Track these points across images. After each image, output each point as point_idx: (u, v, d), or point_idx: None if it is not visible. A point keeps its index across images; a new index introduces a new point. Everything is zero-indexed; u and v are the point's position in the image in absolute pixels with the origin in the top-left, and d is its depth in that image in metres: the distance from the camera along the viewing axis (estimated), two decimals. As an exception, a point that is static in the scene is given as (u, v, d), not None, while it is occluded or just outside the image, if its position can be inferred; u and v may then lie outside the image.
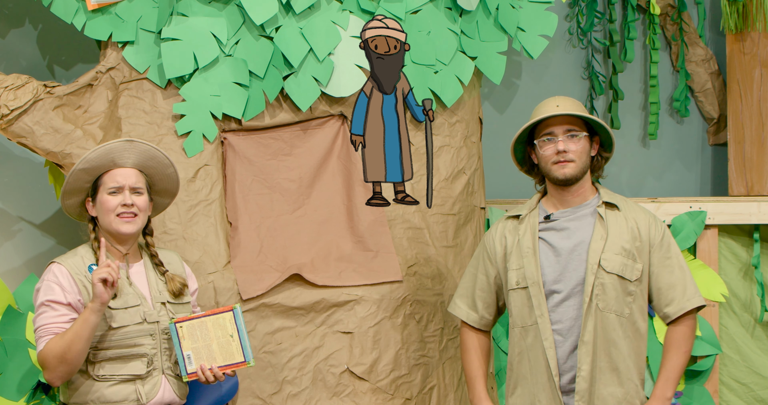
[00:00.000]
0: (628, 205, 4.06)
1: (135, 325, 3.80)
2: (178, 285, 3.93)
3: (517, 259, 4.02)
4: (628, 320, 3.96)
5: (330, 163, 4.76)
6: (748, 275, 5.46)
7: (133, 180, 3.86)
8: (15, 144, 4.99)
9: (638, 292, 3.97)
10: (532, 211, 4.08)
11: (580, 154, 3.98)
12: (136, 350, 3.81)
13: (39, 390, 4.71)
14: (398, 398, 4.62)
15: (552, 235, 4.01)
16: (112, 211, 3.83)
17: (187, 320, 3.85)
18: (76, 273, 3.80)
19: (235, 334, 3.85)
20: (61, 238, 5.22)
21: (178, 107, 4.58)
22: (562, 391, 3.95)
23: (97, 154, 3.82)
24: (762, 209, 5.39)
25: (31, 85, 4.60)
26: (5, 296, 4.74)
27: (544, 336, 3.94)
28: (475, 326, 4.19)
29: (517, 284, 4.01)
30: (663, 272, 3.99)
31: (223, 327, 3.85)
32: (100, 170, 3.86)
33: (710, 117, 6.03)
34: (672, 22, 5.96)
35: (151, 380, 3.82)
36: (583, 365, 3.91)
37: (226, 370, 3.85)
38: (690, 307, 3.97)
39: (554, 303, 3.96)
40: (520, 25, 4.93)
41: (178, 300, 3.93)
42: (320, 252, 4.66)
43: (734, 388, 5.46)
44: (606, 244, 3.95)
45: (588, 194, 4.05)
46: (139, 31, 4.59)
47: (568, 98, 4.08)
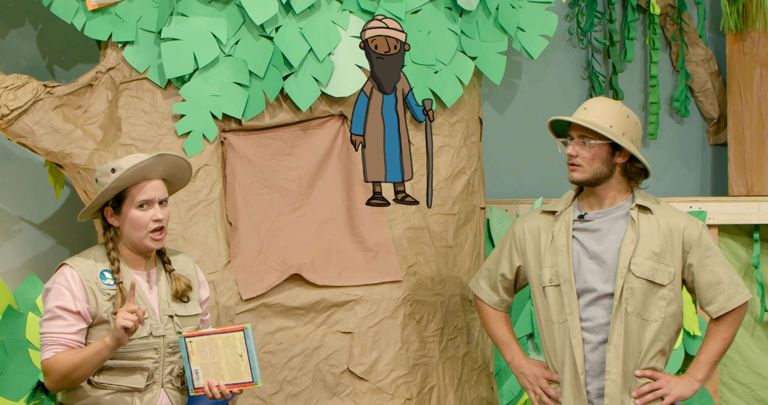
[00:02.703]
0: (662, 209, 4.04)
1: (140, 338, 3.76)
2: (183, 285, 3.87)
3: (552, 256, 4.02)
4: (661, 325, 3.96)
5: (330, 163, 4.76)
6: (748, 275, 5.46)
7: (161, 193, 3.82)
8: (15, 144, 4.98)
9: (672, 295, 3.97)
10: (568, 208, 4.07)
11: (590, 161, 3.95)
12: (138, 363, 3.76)
13: (39, 390, 4.70)
14: (398, 398, 4.61)
15: (585, 235, 4.01)
16: (145, 227, 3.78)
17: (197, 336, 3.78)
18: (87, 280, 3.76)
19: (245, 354, 3.78)
20: (61, 238, 5.22)
21: (178, 107, 4.57)
22: (587, 391, 3.97)
23: (131, 172, 3.75)
24: (762, 209, 5.39)
25: (31, 85, 4.60)
26: (5, 296, 4.74)
27: (572, 334, 3.95)
28: (495, 308, 4.23)
29: (550, 282, 4.01)
30: (703, 272, 3.98)
31: (233, 346, 3.78)
32: (129, 184, 3.80)
33: (710, 117, 6.03)
34: (672, 22, 5.96)
35: (150, 393, 3.79)
36: (612, 368, 3.92)
37: (233, 389, 3.79)
38: (731, 307, 3.97)
39: (585, 303, 3.97)
40: (520, 25, 4.93)
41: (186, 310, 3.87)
42: (320, 252, 4.66)
43: (734, 388, 5.47)
44: (636, 249, 3.95)
45: (619, 198, 4.03)
46: (139, 31, 4.59)
47: (603, 102, 4.01)
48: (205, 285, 4.02)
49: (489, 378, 4.95)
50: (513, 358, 4.17)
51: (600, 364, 3.95)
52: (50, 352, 3.73)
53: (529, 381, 4.12)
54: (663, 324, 3.96)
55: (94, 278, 3.77)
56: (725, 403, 5.44)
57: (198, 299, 3.94)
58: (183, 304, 3.88)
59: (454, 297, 4.77)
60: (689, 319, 5.29)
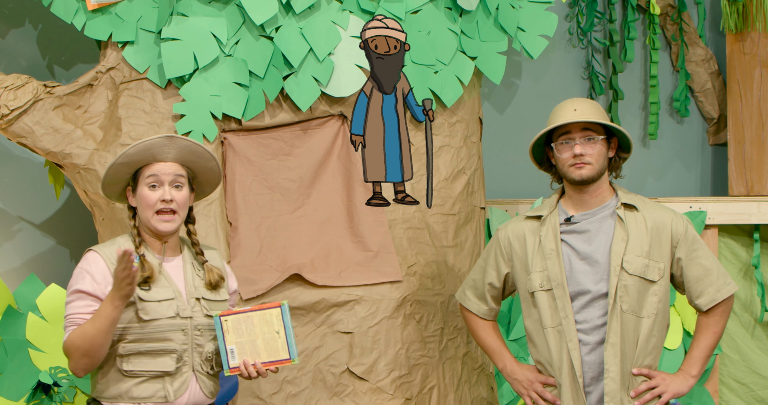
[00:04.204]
0: (647, 205, 4.08)
1: (167, 318, 3.74)
2: (216, 276, 3.85)
3: (541, 261, 4.03)
4: (654, 320, 3.98)
5: (330, 163, 4.76)
6: (748, 275, 5.46)
7: (174, 174, 3.80)
8: (15, 144, 4.99)
9: (662, 291, 4.00)
10: (552, 211, 4.09)
11: (597, 157, 4.00)
12: (166, 345, 3.74)
13: (39, 390, 4.71)
14: (398, 398, 4.62)
15: (574, 237, 4.03)
16: (152, 207, 3.77)
17: (233, 314, 3.76)
18: (111, 263, 3.76)
19: (282, 331, 3.76)
20: (61, 238, 5.22)
21: (178, 107, 4.58)
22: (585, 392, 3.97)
23: (136, 149, 3.76)
24: (762, 209, 5.39)
25: (31, 85, 4.60)
26: (5, 296, 4.74)
27: (569, 337, 3.96)
28: (483, 317, 4.24)
29: (540, 286, 4.02)
30: (692, 265, 4.03)
31: (270, 323, 3.77)
32: (140, 164, 3.80)
33: (710, 117, 6.03)
34: (672, 22, 5.96)
35: (180, 377, 3.75)
36: (611, 367, 3.93)
37: (269, 367, 3.77)
38: (720, 298, 4.02)
39: (580, 305, 3.98)
40: (520, 25, 4.94)
41: (214, 295, 3.86)
42: (320, 252, 4.66)
43: (734, 388, 5.47)
44: (627, 246, 3.98)
45: (606, 195, 4.07)
46: (139, 31, 4.60)
47: (586, 101, 4.08)
48: (232, 276, 4.01)
49: (489, 378, 4.95)
50: (505, 365, 4.17)
51: (599, 365, 3.96)
52: (68, 333, 3.72)
53: (523, 386, 4.11)
54: (656, 320, 3.99)
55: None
56: (725, 403, 5.44)
57: (227, 288, 3.93)
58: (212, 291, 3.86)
59: (454, 297, 4.77)
60: (689, 318, 5.29)
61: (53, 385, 4.68)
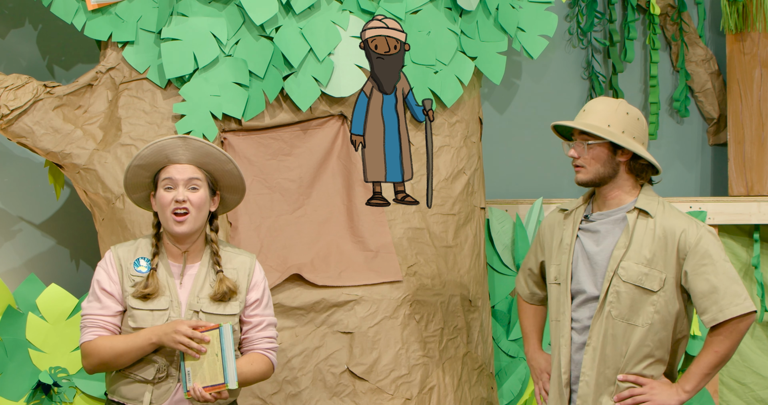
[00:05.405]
0: (665, 212, 3.94)
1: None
2: (225, 288, 3.78)
3: (558, 255, 4.04)
4: (649, 330, 3.88)
5: (330, 163, 4.76)
6: (748, 275, 5.46)
7: (188, 175, 3.78)
8: (15, 144, 4.99)
9: (662, 302, 3.88)
10: (579, 207, 4.07)
11: (590, 161, 3.91)
12: (149, 356, 3.74)
13: (39, 390, 4.71)
14: (398, 398, 4.62)
15: (587, 236, 4.00)
16: (167, 207, 3.76)
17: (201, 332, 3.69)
18: (120, 265, 3.79)
19: (220, 354, 3.65)
20: (61, 238, 5.22)
21: (178, 107, 4.58)
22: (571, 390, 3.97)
23: (149, 150, 3.77)
24: (762, 209, 5.39)
25: (31, 85, 4.60)
26: (5, 296, 4.74)
27: (562, 332, 3.97)
28: (526, 300, 4.31)
29: (555, 279, 4.05)
30: (697, 280, 3.86)
31: (212, 345, 3.67)
32: (156, 166, 3.79)
33: (710, 117, 6.03)
34: (672, 22, 5.96)
35: (164, 386, 3.76)
36: (587, 370, 3.90)
37: (210, 391, 3.67)
38: (722, 319, 3.84)
39: (577, 303, 3.98)
40: (520, 25, 4.94)
41: (218, 308, 3.79)
42: (320, 252, 4.66)
43: (734, 388, 5.47)
44: (627, 253, 3.89)
45: (624, 198, 3.97)
46: (139, 31, 4.60)
47: (605, 101, 3.97)
48: (258, 287, 3.90)
49: (489, 378, 4.95)
50: (527, 351, 4.27)
51: (577, 363, 3.95)
52: (91, 334, 3.75)
53: (535, 374, 4.20)
54: (650, 330, 3.88)
55: (128, 263, 3.80)
56: (725, 403, 5.44)
57: (242, 301, 3.85)
58: (218, 303, 3.80)
59: (454, 297, 4.78)
60: (689, 319, 5.29)
61: (53, 385, 4.68)
